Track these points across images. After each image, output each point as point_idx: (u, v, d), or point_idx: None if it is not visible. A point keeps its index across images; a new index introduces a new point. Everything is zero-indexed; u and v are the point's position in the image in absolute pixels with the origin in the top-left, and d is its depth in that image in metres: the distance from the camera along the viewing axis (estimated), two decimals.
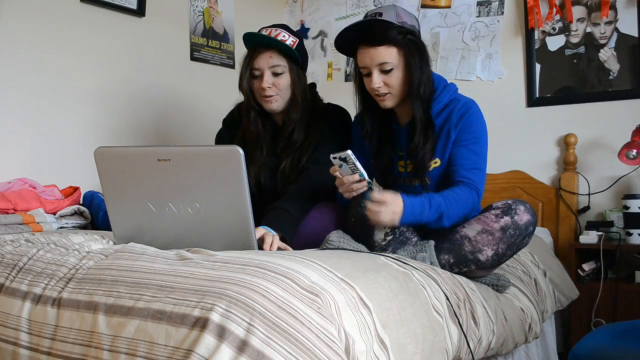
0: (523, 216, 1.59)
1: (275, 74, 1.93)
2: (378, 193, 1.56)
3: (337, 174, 1.63)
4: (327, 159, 1.90)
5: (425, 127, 1.77)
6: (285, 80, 1.95)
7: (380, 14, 1.72)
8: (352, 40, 1.77)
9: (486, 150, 1.79)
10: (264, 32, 1.95)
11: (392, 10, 1.73)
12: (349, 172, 1.61)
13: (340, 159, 1.59)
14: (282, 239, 1.66)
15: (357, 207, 1.64)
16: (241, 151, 1.31)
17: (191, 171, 1.35)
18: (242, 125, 2.05)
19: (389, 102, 1.78)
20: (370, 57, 1.72)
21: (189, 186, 1.36)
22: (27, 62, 2.32)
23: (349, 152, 1.57)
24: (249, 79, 1.96)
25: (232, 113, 2.17)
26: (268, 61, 1.92)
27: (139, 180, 1.39)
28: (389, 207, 1.55)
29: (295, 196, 1.82)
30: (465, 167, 1.73)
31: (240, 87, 1.99)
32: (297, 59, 1.97)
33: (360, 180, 1.61)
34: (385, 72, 1.72)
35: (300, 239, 1.77)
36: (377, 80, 1.73)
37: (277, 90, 1.95)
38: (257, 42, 1.95)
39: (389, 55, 1.71)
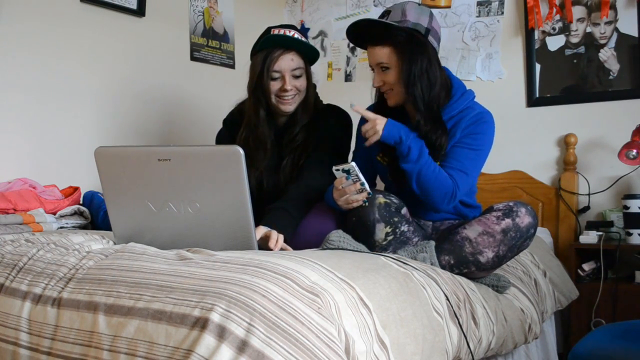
0: (524, 218, 1.59)
1: (295, 77, 1.94)
2: (369, 112, 1.75)
3: (341, 186, 1.63)
4: (326, 159, 1.90)
5: (434, 128, 1.76)
6: (303, 82, 1.97)
7: (389, 12, 1.77)
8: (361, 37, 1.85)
9: (482, 161, 1.82)
10: (275, 33, 1.94)
11: (399, 7, 1.77)
12: (351, 183, 1.62)
13: (344, 170, 1.58)
14: None
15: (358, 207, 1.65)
16: (241, 151, 1.31)
17: (191, 171, 1.34)
18: (246, 127, 2.04)
19: (391, 100, 1.83)
20: (371, 56, 1.80)
21: (189, 186, 1.36)
22: (27, 62, 2.32)
23: (353, 164, 1.56)
24: (268, 80, 1.94)
25: (232, 113, 2.17)
26: (290, 64, 1.92)
27: (139, 180, 1.39)
28: (376, 120, 1.71)
29: (295, 196, 1.82)
30: (453, 167, 1.75)
31: (256, 87, 1.96)
32: (314, 59, 1.99)
33: (361, 191, 1.62)
34: (383, 70, 1.78)
35: (300, 239, 1.77)
36: (376, 79, 1.81)
37: (296, 91, 1.95)
38: (279, 43, 1.92)
39: (384, 55, 1.76)
